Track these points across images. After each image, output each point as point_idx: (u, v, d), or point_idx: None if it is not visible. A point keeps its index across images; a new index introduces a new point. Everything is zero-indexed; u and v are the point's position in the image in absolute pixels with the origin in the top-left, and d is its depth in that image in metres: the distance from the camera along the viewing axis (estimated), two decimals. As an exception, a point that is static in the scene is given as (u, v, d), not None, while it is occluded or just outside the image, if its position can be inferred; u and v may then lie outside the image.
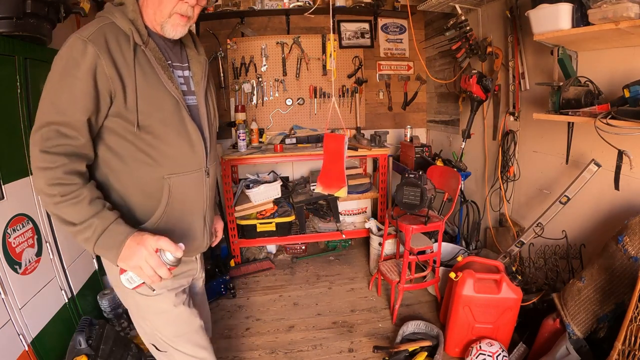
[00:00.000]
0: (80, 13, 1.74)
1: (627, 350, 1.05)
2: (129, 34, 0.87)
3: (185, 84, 1.01)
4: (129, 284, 0.83)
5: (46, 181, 0.78)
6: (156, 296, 0.99)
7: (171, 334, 1.05)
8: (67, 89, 0.81)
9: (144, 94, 0.88)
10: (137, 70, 0.87)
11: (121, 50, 0.85)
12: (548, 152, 2.02)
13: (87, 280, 1.74)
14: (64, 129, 0.81)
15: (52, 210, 0.81)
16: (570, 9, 1.49)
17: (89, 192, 0.82)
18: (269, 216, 2.71)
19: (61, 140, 0.80)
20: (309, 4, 2.89)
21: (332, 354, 1.89)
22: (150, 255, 0.80)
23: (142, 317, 1.04)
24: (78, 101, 0.81)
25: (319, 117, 3.25)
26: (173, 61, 0.99)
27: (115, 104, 0.86)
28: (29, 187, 1.39)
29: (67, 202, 0.79)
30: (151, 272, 0.80)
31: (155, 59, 0.91)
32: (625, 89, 1.32)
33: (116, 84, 0.84)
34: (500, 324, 1.71)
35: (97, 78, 0.82)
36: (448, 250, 2.46)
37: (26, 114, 1.38)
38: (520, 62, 2.15)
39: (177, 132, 0.95)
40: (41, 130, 0.80)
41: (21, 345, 1.25)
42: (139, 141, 0.90)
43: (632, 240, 1.30)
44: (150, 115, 0.89)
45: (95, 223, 0.80)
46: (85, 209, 0.80)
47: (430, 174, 2.31)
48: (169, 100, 0.92)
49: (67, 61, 0.82)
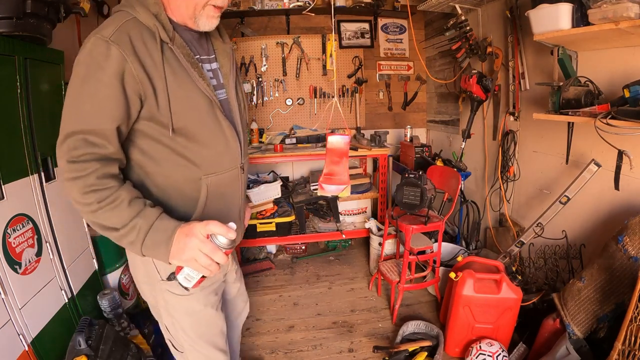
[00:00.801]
0: (80, 13, 1.74)
1: (627, 350, 1.05)
2: (154, 30, 0.80)
3: (214, 78, 0.96)
4: (188, 282, 0.78)
5: (79, 190, 0.74)
6: (189, 296, 0.97)
7: (195, 334, 1.03)
8: (92, 95, 0.75)
9: (176, 95, 0.82)
10: (167, 70, 0.81)
11: (148, 49, 0.79)
12: (548, 152, 2.02)
13: (87, 280, 1.74)
14: (91, 137, 0.75)
15: (91, 219, 0.77)
16: (570, 9, 1.49)
17: (126, 193, 0.77)
18: (269, 216, 2.71)
19: (89, 149, 0.75)
20: (309, 3, 2.89)
21: (332, 354, 1.89)
22: (203, 242, 0.74)
23: (170, 314, 1.01)
24: (104, 108, 0.75)
25: (319, 117, 3.25)
26: (201, 55, 0.94)
27: (146, 107, 0.80)
28: (29, 187, 1.39)
29: (105, 207, 0.74)
30: (207, 261, 0.74)
31: (184, 56, 0.85)
32: (625, 89, 1.32)
33: (146, 87, 0.78)
34: (500, 324, 1.71)
35: (125, 82, 0.76)
36: (448, 250, 2.46)
37: (26, 114, 1.38)
38: (520, 62, 2.15)
39: (212, 131, 0.91)
40: (67, 141, 0.75)
41: (21, 345, 1.25)
42: (174, 144, 0.85)
43: (632, 240, 1.30)
44: (184, 116, 0.84)
45: (139, 223, 0.75)
46: (125, 211, 0.75)
47: (430, 174, 2.31)
48: (201, 100, 0.87)
49: (89, 66, 0.75)
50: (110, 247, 1.96)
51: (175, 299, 0.98)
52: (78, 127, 0.75)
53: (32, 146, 1.42)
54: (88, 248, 1.79)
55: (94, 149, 0.76)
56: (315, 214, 3.06)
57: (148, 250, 0.77)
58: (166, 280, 0.91)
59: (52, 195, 1.52)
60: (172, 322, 1.02)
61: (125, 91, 0.77)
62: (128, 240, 0.77)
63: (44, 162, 1.50)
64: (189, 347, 1.04)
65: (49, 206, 1.50)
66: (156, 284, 0.97)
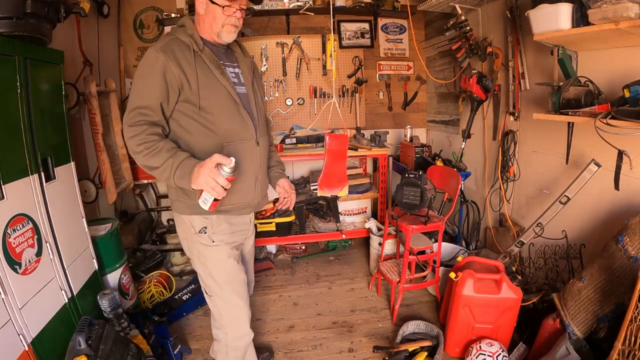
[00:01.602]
0: (80, 13, 1.74)
1: (627, 350, 1.06)
2: (189, 44, 1.19)
3: (236, 78, 1.32)
4: (205, 204, 1.08)
5: (135, 142, 1.10)
6: (215, 247, 1.31)
7: (222, 280, 1.34)
8: (146, 83, 1.14)
9: (203, 84, 1.18)
10: (198, 68, 1.18)
11: (185, 56, 1.17)
12: (548, 152, 2.02)
13: (87, 280, 1.74)
14: (144, 110, 1.13)
15: (142, 162, 1.12)
16: (570, 9, 1.49)
17: (164, 143, 1.12)
18: (269, 216, 2.71)
19: (141, 117, 1.13)
20: (308, 2, 2.89)
21: (332, 354, 1.89)
22: (210, 169, 1.04)
23: (202, 263, 1.34)
24: (152, 92, 1.14)
25: (319, 117, 3.25)
26: (225, 61, 1.29)
27: (184, 93, 1.17)
28: (29, 187, 1.39)
29: (151, 154, 1.09)
30: (213, 183, 1.04)
31: (210, 61, 1.22)
32: (625, 89, 1.32)
33: (182, 79, 1.15)
34: (500, 324, 1.71)
35: (166, 75, 1.13)
36: (448, 250, 2.46)
37: (26, 114, 1.38)
38: (520, 62, 2.15)
39: (230, 112, 1.24)
40: (129, 114, 1.13)
41: (21, 345, 1.25)
42: (202, 119, 1.20)
43: (632, 240, 1.30)
44: (208, 99, 1.19)
45: (172, 162, 1.09)
46: (164, 155, 1.09)
47: (430, 174, 2.31)
48: (222, 89, 1.22)
49: (146, 66, 1.15)
50: (110, 247, 1.96)
51: (205, 249, 1.31)
52: (135, 104, 1.14)
53: (32, 146, 1.42)
54: (88, 248, 1.79)
55: (145, 117, 1.13)
56: (315, 214, 3.06)
57: (178, 180, 1.09)
58: (198, 233, 1.30)
59: (52, 195, 1.52)
60: (203, 270, 1.35)
61: (166, 81, 1.14)
62: (165, 176, 1.10)
63: (44, 162, 1.50)
64: (217, 292, 1.36)
65: (49, 206, 1.50)
66: (191, 237, 1.32)
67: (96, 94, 2.11)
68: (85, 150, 2.56)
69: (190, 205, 1.26)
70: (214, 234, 1.31)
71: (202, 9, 1.23)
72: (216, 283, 1.35)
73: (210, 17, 1.22)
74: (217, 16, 1.21)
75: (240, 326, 1.42)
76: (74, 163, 1.74)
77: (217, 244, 1.31)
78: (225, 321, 1.41)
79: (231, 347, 1.45)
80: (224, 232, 1.33)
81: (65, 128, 1.69)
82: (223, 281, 1.35)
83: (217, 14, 1.20)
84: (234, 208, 1.31)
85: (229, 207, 1.29)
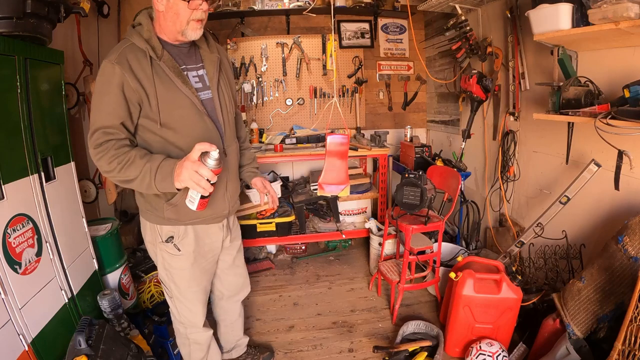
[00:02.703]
0: (80, 13, 1.74)
1: (627, 350, 1.06)
2: (145, 51, 1.10)
3: (200, 82, 1.23)
4: (192, 204, 1.02)
5: (105, 162, 1.04)
6: (180, 255, 1.30)
7: (183, 286, 1.36)
8: (107, 101, 1.08)
9: (163, 98, 1.11)
10: (156, 80, 1.10)
11: (141, 66, 1.08)
12: (548, 152, 2.02)
13: (87, 280, 1.74)
14: (108, 129, 1.07)
15: (118, 178, 1.06)
16: (570, 9, 1.49)
17: (136, 151, 1.06)
18: (269, 216, 2.71)
19: (107, 137, 1.07)
20: (309, 3, 2.89)
21: (332, 354, 1.89)
22: (193, 162, 0.97)
23: (165, 268, 1.34)
24: (113, 110, 1.08)
25: (319, 117, 3.26)
26: (187, 64, 1.20)
27: (144, 108, 1.11)
28: (29, 187, 1.39)
29: (125, 166, 1.04)
30: (197, 177, 0.97)
31: (170, 68, 1.13)
32: (625, 89, 1.32)
33: (141, 93, 1.09)
34: (500, 324, 1.71)
35: (125, 91, 1.07)
36: (448, 250, 2.46)
37: (26, 114, 1.38)
38: (520, 62, 2.15)
39: (194, 123, 1.17)
40: (93, 135, 1.08)
41: (21, 345, 1.25)
42: (164, 134, 1.14)
43: (632, 240, 1.30)
44: (169, 114, 1.13)
45: (149, 166, 1.03)
46: (138, 163, 1.04)
47: (430, 174, 2.31)
48: (184, 100, 1.15)
49: (103, 82, 1.08)
50: (111, 247, 1.96)
51: (171, 257, 1.31)
52: (98, 124, 1.08)
53: (32, 146, 1.42)
54: (88, 248, 1.79)
55: (110, 136, 1.07)
56: (315, 214, 3.06)
57: (160, 184, 1.03)
58: (164, 242, 1.28)
59: (52, 195, 1.52)
60: (166, 275, 1.35)
61: (125, 97, 1.08)
62: (145, 183, 1.03)
63: (44, 162, 1.50)
64: (177, 296, 1.38)
65: (49, 206, 1.50)
66: (157, 244, 1.31)
67: (96, 94, 2.11)
68: (85, 150, 2.56)
69: (160, 217, 1.25)
70: (181, 243, 1.30)
71: (161, 5, 1.10)
72: (177, 288, 1.36)
73: (172, 14, 1.10)
74: (181, 12, 1.09)
75: (196, 326, 1.45)
76: (74, 163, 1.74)
77: (182, 253, 1.30)
78: (183, 319, 1.44)
79: (192, 341, 1.48)
80: (191, 241, 1.32)
81: (65, 128, 1.69)
82: (184, 287, 1.36)
83: (180, 9, 1.09)
84: (204, 220, 1.31)
85: (198, 220, 1.29)
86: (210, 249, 1.39)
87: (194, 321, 1.44)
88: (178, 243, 1.29)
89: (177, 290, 1.38)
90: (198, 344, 1.50)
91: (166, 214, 1.23)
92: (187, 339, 1.49)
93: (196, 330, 1.46)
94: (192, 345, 1.49)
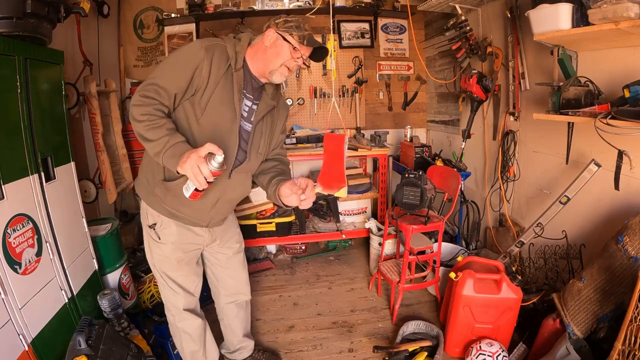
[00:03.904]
0: (80, 13, 1.74)
1: (627, 350, 1.06)
2: (230, 57, 1.20)
3: (247, 112, 1.29)
4: (187, 191, 1.07)
5: (140, 112, 1.08)
6: (161, 244, 1.36)
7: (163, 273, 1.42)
8: (177, 68, 1.15)
9: (214, 100, 1.18)
10: (221, 82, 1.18)
11: (219, 64, 1.17)
12: (548, 152, 2.02)
13: (87, 280, 1.74)
14: (161, 90, 1.12)
15: (140, 131, 1.09)
16: (570, 9, 1.49)
17: (167, 122, 1.10)
18: (269, 216, 2.71)
19: (155, 95, 1.12)
20: (309, 4, 2.89)
21: (332, 354, 1.89)
22: (198, 157, 1.01)
23: (149, 252, 1.42)
24: (177, 80, 1.14)
25: (319, 117, 3.25)
26: (248, 92, 1.27)
27: (196, 96, 1.17)
28: (29, 187, 1.39)
29: (151, 126, 1.07)
30: (197, 170, 1.00)
31: (236, 82, 1.21)
32: (625, 89, 1.32)
33: (203, 84, 1.15)
34: (500, 324, 1.71)
35: (196, 72, 1.14)
36: (448, 250, 2.46)
37: (26, 114, 1.38)
38: (520, 62, 2.15)
39: (222, 137, 1.21)
40: (147, 86, 1.12)
41: (21, 345, 1.25)
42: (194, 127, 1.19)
43: (632, 240, 1.30)
44: (210, 116, 1.19)
45: (167, 139, 1.06)
46: (163, 131, 1.07)
47: (430, 174, 2.31)
48: (229, 113, 1.21)
49: (186, 53, 1.16)
50: (111, 247, 1.96)
51: (152, 243, 1.38)
52: (157, 81, 1.13)
53: (32, 146, 1.42)
54: (88, 248, 1.79)
55: (158, 97, 1.12)
56: (315, 214, 3.05)
57: (166, 158, 1.07)
58: (149, 227, 1.36)
59: (52, 195, 1.52)
60: (150, 259, 1.44)
61: (192, 77, 1.14)
62: (156, 150, 1.07)
63: (44, 162, 1.50)
64: (159, 280, 1.45)
65: (49, 206, 1.50)
66: (145, 227, 1.38)
67: (96, 94, 2.11)
68: (85, 150, 2.56)
69: (150, 193, 1.30)
70: (161, 232, 1.35)
71: (269, 41, 1.21)
72: (158, 274, 1.43)
73: (273, 52, 1.20)
74: (283, 54, 1.20)
75: (178, 309, 1.47)
76: (74, 163, 1.74)
77: (163, 242, 1.36)
78: (169, 305, 1.48)
79: (181, 330, 1.51)
80: (172, 233, 1.35)
81: (65, 128, 1.69)
82: (165, 274, 1.42)
83: (283, 51, 1.20)
84: (182, 217, 1.33)
85: (176, 213, 1.31)
86: (192, 244, 1.42)
87: (175, 304, 1.46)
88: (159, 232, 1.34)
89: (159, 277, 1.44)
90: (187, 334, 1.51)
91: (156, 190, 1.28)
92: (177, 329, 1.51)
93: (182, 317, 1.47)
94: (182, 335, 1.52)
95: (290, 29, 1.21)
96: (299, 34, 1.21)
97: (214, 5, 2.91)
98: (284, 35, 1.20)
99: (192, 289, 1.49)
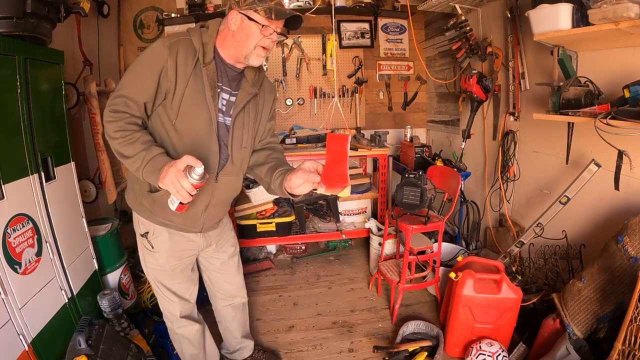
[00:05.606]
0: (80, 13, 1.74)
1: (627, 350, 1.06)
2: (197, 51, 1.12)
3: (225, 106, 1.22)
4: (172, 205, 1.04)
5: (113, 128, 1.05)
6: (154, 252, 1.34)
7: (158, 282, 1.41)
8: (142, 76, 1.09)
9: (187, 100, 1.12)
10: (190, 80, 1.11)
11: (185, 62, 1.10)
12: (548, 152, 2.02)
13: (87, 280, 1.74)
14: (130, 102, 1.08)
15: (116, 148, 1.06)
16: (570, 9, 1.49)
17: (141, 135, 1.07)
18: (269, 216, 2.71)
19: (125, 107, 1.08)
20: (309, 4, 2.89)
21: (332, 354, 1.89)
22: (177, 172, 0.97)
23: (143, 261, 1.40)
24: (143, 88, 1.09)
25: (319, 117, 3.25)
26: (224, 84, 1.19)
27: (167, 100, 1.11)
28: (29, 187, 1.39)
29: (126, 142, 1.04)
30: (178, 185, 0.97)
31: (208, 78, 1.14)
32: (625, 89, 1.32)
33: (172, 85, 1.09)
34: (500, 324, 1.71)
35: (161, 76, 1.08)
36: (448, 250, 2.46)
37: (26, 114, 1.38)
38: (520, 62, 2.15)
39: (201, 139, 1.17)
40: (115, 99, 1.08)
41: (21, 345, 1.25)
42: (171, 133, 1.15)
43: (632, 240, 1.30)
44: (185, 118, 1.13)
45: (144, 154, 1.03)
46: (138, 146, 1.04)
47: (430, 174, 2.31)
48: (204, 113, 1.15)
49: (149, 56, 1.10)
50: (111, 247, 1.96)
51: (145, 252, 1.36)
52: (125, 92, 1.08)
53: (32, 146, 1.42)
54: (88, 248, 1.79)
55: (128, 109, 1.08)
56: (315, 214, 3.05)
57: (146, 174, 1.04)
58: (141, 236, 1.33)
59: (52, 195, 1.52)
60: (144, 266, 1.42)
61: (159, 82, 1.09)
62: (135, 167, 1.05)
63: (44, 162, 1.50)
64: (154, 288, 1.45)
65: (49, 206, 1.50)
66: (138, 236, 1.36)
67: (96, 94, 2.11)
68: (85, 150, 2.56)
69: (138, 203, 1.27)
70: (154, 241, 1.32)
71: (234, 25, 1.11)
72: (154, 283, 1.42)
73: (242, 35, 1.10)
74: (252, 35, 1.09)
75: (176, 316, 1.46)
76: (74, 163, 1.74)
77: (156, 250, 1.33)
78: (166, 312, 1.47)
79: (180, 335, 1.50)
80: (165, 241, 1.32)
81: (65, 128, 1.69)
82: (160, 283, 1.40)
83: (252, 32, 1.09)
84: (174, 226, 1.30)
85: (168, 223, 1.29)
86: (186, 250, 1.39)
87: (172, 312, 1.45)
88: (152, 240, 1.32)
89: (155, 285, 1.42)
90: (187, 339, 1.51)
91: (143, 201, 1.25)
92: (176, 334, 1.51)
93: (180, 323, 1.47)
94: (182, 341, 1.52)
95: (253, 4, 1.07)
96: (264, 7, 1.06)
97: (214, 5, 2.91)
98: (248, 14, 1.08)
99: (188, 296, 1.47)
